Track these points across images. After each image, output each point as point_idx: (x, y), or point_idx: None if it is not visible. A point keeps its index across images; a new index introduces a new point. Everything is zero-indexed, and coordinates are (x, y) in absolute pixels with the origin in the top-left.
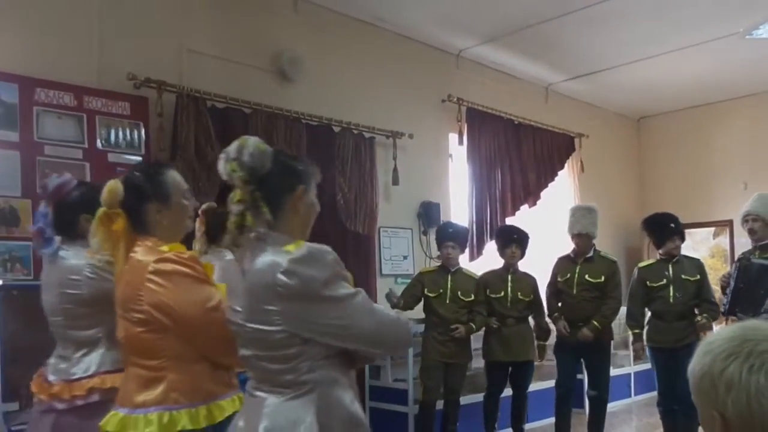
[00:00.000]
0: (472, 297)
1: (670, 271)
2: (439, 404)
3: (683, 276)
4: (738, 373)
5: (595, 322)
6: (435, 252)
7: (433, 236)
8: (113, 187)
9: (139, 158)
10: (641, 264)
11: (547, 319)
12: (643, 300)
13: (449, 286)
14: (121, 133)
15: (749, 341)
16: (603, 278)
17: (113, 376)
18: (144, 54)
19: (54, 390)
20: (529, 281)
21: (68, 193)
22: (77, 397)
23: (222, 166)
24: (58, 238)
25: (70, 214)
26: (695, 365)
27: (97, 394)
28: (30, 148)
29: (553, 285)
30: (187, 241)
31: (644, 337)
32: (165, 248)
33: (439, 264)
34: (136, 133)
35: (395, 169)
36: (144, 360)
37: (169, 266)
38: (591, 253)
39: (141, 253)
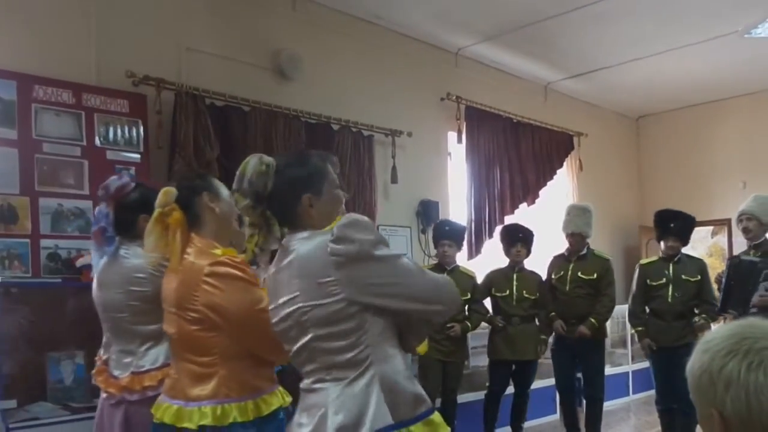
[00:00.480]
0: (469, 295)
1: (670, 271)
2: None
3: (683, 276)
4: (737, 371)
5: (593, 320)
6: (433, 250)
7: (431, 234)
8: (168, 189)
9: (138, 156)
10: (643, 261)
11: None
12: (643, 298)
13: None
14: (119, 131)
15: (748, 339)
16: (596, 275)
17: None
18: (143, 51)
19: (123, 383)
20: (535, 279)
21: (128, 194)
22: (148, 388)
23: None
24: (117, 238)
25: (130, 215)
26: (694, 363)
27: None
28: (28, 145)
29: (547, 283)
30: None
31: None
32: (218, 251)
33: (435, 263)
34: (134, 130)
35: (394, 168)
36: (197, 357)
37: (222, 269)
38: (584, 251)
39: (194, 255)
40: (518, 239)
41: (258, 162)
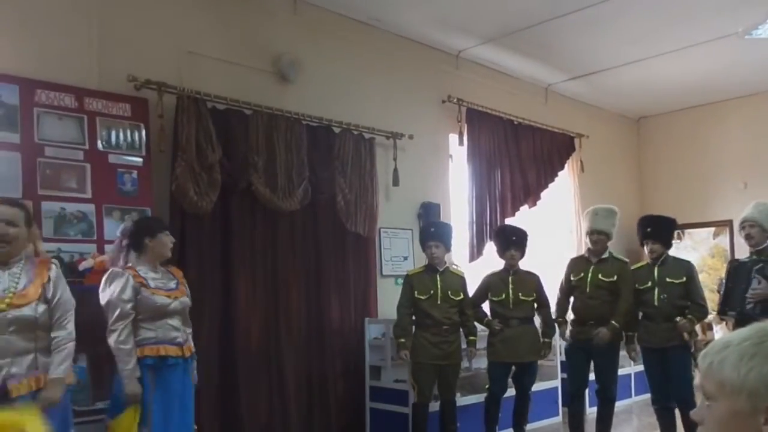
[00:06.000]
0: (461, 296)
1: (655, 274)
2: (434, 406)
3: (668, 279)
4: None
5: (614, 322)
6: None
7: (418, 237)
8: None
9: (140, 159)
10: (633, 266)
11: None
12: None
13: (439, 286)
14: (121, 135)
15: None
16: (616, 278)
17: None
18: (144, 56)
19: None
20: (532, 280)
21: None
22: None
23: None
24: None
25: None
26: (739, 359)
27: None
28: (31, 149)
29: (565, 283)
30: None
31: (636, 339)
32: None
33: (425, 265)
34: (136, 134)
35: (395, 170)
36: None
37: None
38: (606, 254)
39: None
40: (511, 243)
41: None
